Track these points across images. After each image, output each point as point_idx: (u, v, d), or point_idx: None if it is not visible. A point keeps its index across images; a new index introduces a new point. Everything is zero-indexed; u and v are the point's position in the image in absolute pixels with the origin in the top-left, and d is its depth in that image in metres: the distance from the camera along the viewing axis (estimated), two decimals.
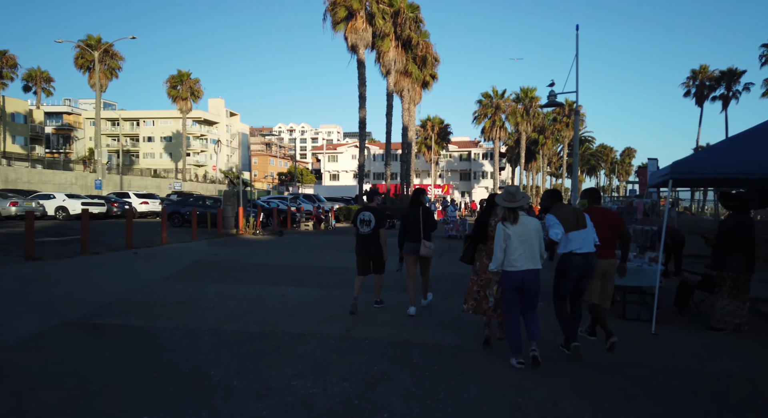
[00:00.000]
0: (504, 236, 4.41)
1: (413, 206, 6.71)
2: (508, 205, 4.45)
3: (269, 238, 18.10)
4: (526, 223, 4.47)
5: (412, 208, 6.70)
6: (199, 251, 13.18)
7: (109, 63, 48.02)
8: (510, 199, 4.47)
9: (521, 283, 4.42)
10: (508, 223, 4.43)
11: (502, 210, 4.53)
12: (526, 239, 4.42)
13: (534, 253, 4.45)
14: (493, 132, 54.90)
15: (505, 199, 4.48)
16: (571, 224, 4.77)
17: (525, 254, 4.40)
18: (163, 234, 14.54)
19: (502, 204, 4.48)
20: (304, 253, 13.38)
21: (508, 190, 4.56)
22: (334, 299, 7.34)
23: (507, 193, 4.54)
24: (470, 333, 5.56)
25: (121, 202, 27.72)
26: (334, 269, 10.35)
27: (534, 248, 4.45)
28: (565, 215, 4.82)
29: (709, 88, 58.81)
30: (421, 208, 6.66)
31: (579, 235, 4.77)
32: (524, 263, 4.39)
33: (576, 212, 4.91)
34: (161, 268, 9.95)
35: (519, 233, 4.40)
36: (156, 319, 5.88)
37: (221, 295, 7.41)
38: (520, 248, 4.39)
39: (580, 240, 4.77)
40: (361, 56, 29.25)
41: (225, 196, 18.94)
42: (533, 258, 4.45)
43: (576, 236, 4.77)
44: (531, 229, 4.46)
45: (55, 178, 40.97)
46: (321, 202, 29.88)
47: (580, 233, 4.77)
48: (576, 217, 4.82)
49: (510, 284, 4.46)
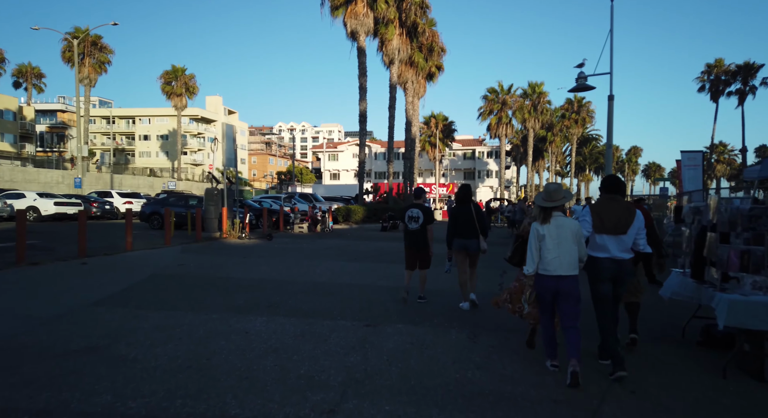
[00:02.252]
0: (538, 237, 4.13)
1: (463, 203, 6.68)
2: (543, 205, 4.16)
3: (256, 242, 15.89)
4: (562, 224, 4.12)
5: (462, 205, 6.67)
6: (164, 260, 10.97)
7: (98, 56, 45.87)
8: (548, 199, 4.18)
9: (556, 289, 4.07)
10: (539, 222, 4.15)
11: (536, 209, 4.26)
12: (562, 241, 4.07)
13: (571, 257, 4.06)
14: (500, 129, 52.49)
15: (544, 199, 4.20)
16: (605, 225, 4.20)
17: (560, 258, 4.04)
18: (127, 239, 12.34)
19: (540, 204, 4.19)
20: (291, 262, 11.16)
21: (548, 189, 4.24)
22: (318, 338, 5.12)
23: (546, 191, 4.23)
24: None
25: (102, 202, 25.60)
26: (324, 286, 8.14)
27: (571, 251, 4.06)
28: (604, 212, 4.24)
29: (724, 83, 56.52)
30: (472, 204, 6.67)
31: (610, 240, 4.20)
32: (559, 267, 4.04)
33: (622, 214, 4.20)
34: (103, 285, 7.75)
35: (554, 235, 4.08)
36: (18, 389, 3.66)
37: (158, 331, 5.21)
38: (555, 250, 4.06)
39: (610, 246, 4.20)
40: (362, 44, 26.93)
41: (207, 195, 16.72)
42: (570, 263, 4.06)
43: (604, 242, 4.21)
44: (567, 230, 4.08)
45: (41, 177, 38.90)
46: (318, 202, 27.63)
47: (614, 239, 4.19)
48: (617, 220, 4.18)
49: (544, 288, 4.14)
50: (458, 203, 6.74)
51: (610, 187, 4.34)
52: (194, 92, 57.38)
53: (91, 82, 46.31)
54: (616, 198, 4.29)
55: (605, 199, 4.33)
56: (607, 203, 4.27)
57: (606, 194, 4.34)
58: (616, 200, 4.28)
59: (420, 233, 6.77)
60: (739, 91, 55.68)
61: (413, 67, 31.79)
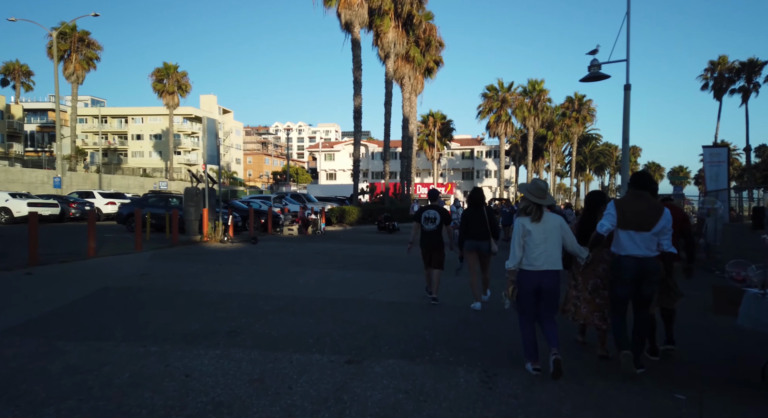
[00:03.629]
0: (523, 232, 4.06)
1: (476, 206, 6.73)
2: (539, 202, 4.07)
3: (239, 246, 14.58)
4: (547, 219, 4.08)
5: (475, 207, 6.73)
6: (127, 268, 9.65)
7: (86, 52, 44.49)
8: (540, 195, 4.10)
9: (539, 284, 4.03)
10: (530, 219, 4.07)
11: (527, 203, 4.14)
12: (549, 236, 4.04)
13: (555, 252, 4.05)
14: (499, 127, 51.22)
15: (535, 194, 4.09)
16: (628, 221, 4.04)
17: (547, 253, 4.01)
18: (89, 244, 11.00)
19: (531, 198, 4.08)
20: (272, 270, 9.86)
21: (538, 185, 4.14)
22: (280, 383, 3.81)
23: (537, 187, 4.12)
24: None
25: (82, 203, 24.21)
26: (304, 302, 6.84)
27: (556, 246, 4.06)
28: (628, 207, 4.08)
29: (728, 80, 55.40)
30: (484, 207, 6.73)
31: (634, 237, 4.04)
32: (544, 262, 4.00)
33: (648, 211, 4.03)
34: (35, 303, 6.43)
35: (540, 230, 4.04)
36: None
37: (68, 374, 3.90)
38: (541, 245, 4.02)
39: (634, 244, 4.05)
40: (356, 35, 25.55)
41: (186, 195, 15.38)
42: (553, 258, 4.05)
43: (627, 239, 4.06)
44: (553, 225, 4.08)
45: (24, 177, 37.46)
46: (311, 203, 26.29)
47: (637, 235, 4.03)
48: (645, 215, 4.02)
49: (527, 284, 4.06)
50: (471, 206, 6.80)
51: (638, 183, 4.22)
52: (187, 90, 55.99)
53: (78, 79, 44.92)
54: (644, 195, 4.16)
55: (632, 194, 4.22)
56: (632, 199, 4.16)
57: (634, 190, 4.22)
58: (643, 197, 4.15)
59: (435, 234, 6.84)
60: (743, 88, 54.61)
61: (410, 62, 30.47)
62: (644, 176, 4.23)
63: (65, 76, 44.43)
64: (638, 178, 4.22)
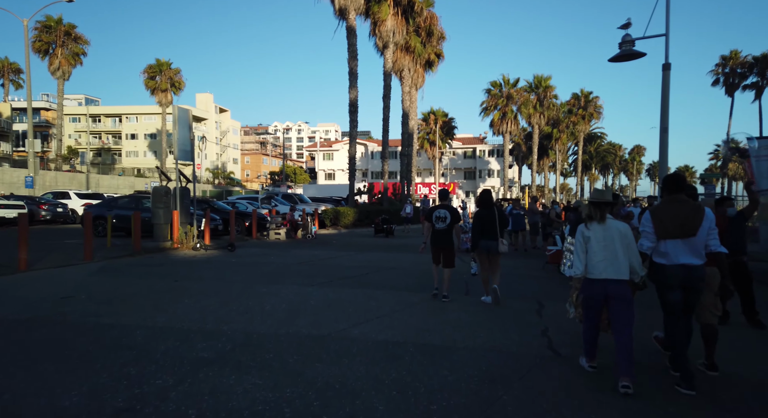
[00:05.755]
0: (583, 239, 3.99)
1: (486, 207, 6.85)
2: (599, 200, 3.97)
3: (213, 254, 12.64)
4: (608, 226, 3.95)
5: (486, 208, 6.84)
6: (52, 287, 7.70)
7: (72, 47, 42.62)
8: (600, 196, 4.03)
9: (605, 293, 3.85)
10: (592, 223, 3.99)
11: (587, 208, 4.08)
12: (609, 244, 3.89)
13: (617, 260, 3.85)
14: (503, 125, 49.12)
15: (596, 197, 4.04)
16: (669, 230, 3.84)
17: (607, 261, 3.85)
18: (20, 255, 9.07)
19: (592, 200, 4.01)
20: (237, 289, 7.92)
21: (596, 189, 4.18)
22: None
23: (595, 191, 4.09)
24: None
25: (54, 204, 22.31)
26: (259, 344, 4.89)
27: (617, 254, 3.85)
28: (665, 214, 3.89)
29: (740, 76, 53.43)
30: (495, 208, 6.82)
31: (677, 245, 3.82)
32: (605, 270, 3.84)
33: (688, 215, 3.82)
34: None
35: (600, 237, 3.93)
36: None
37: None
38: (601, 253, 3.89)
39: (678, 252, 3.82)
40: (352, 22, 23.54)
41: (154, 195, 13.44)
42: (616, 266, 3.83)
43: (670, 248, 3.84)
44: (614, 233, 3.91)
45: (5, 177, 35.60)
46: (303, 203, 24.33)
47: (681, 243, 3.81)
48: (682, 221, 3.81)
49: (591, 293, 3.94)
50: (482, 207, 6.91)
51: (672, 187, 3.99)
52: (180, 87, 54.16)
53: (64, 75, 43.05)
54: (680, 198, 3.92)
55: (666, 201, 4.00)
56: (668, 206, 3.95)
57: (668, 196, 3.98)
58: (680, 201, 3.92)
59: (446, 233, 7.04)
60: (756, 84, 52.63)
61: (410, 53, 28.52)
62: (677, 178, 4.01)
63: (51, 71, 42.61)
64: (671, 182, 4.01)
